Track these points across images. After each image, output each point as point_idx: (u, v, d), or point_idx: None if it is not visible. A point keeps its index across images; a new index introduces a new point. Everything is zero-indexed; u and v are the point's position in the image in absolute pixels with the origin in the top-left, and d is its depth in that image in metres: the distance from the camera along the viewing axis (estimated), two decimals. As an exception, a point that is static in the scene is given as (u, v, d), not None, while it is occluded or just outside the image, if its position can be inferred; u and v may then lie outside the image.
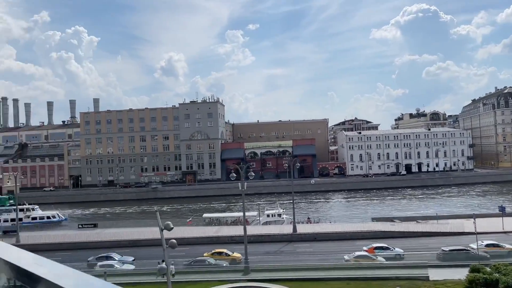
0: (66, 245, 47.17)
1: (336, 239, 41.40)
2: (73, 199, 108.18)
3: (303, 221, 53.89)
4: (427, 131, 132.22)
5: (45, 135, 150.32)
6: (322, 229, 43.69)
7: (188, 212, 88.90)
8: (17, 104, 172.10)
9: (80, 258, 40.35)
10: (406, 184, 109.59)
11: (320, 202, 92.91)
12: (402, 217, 50.90)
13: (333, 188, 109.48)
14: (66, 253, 43.79)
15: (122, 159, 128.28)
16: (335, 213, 72.95)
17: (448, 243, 36.78)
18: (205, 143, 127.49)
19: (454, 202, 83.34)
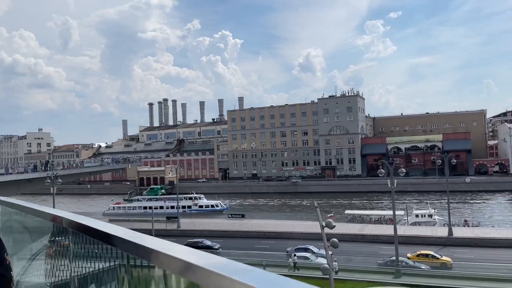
0: (218, 232, 51.09)
1: (502, 247, 35.94)
2: (221, 190, 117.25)
3: (459, 223, 48.41)
4: None
5: (198, 131, 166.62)
6: (484, 234, 38.37)
7: (327, 208, 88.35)
8: (175, 105, 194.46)
9: (235, 246, 43.32)
10: None
11: (477, 204, 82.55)
12: None
13: (493, 188, 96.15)
14: (219, 241, 47.48)
15: (264, 153, 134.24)
16: (498, 217, 63.77)
17: None
18: (344, 138, 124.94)
19: None
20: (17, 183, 48.19)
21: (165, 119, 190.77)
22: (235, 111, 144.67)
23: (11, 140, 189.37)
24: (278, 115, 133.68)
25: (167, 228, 52.19)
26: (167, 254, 1.22)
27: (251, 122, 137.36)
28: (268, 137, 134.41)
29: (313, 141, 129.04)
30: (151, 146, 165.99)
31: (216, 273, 1.00)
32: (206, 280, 1.05)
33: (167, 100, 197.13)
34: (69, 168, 64.97)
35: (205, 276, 1.05)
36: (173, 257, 1.18)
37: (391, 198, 32.33)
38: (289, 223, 49.06)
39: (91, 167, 70.34)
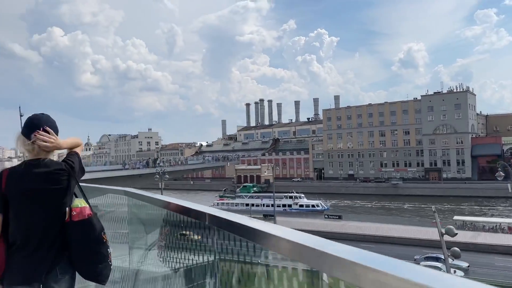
0: (314, 233, 50.40)
1: None
2: (316, 190, 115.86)
3: None
4: None
5: (293, 131, 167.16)
6: None
7: (431, 212, 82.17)
8: (271, 105, 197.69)
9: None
10: None
11: None
12: None
13: None
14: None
15: (361, 153, 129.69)
16: None
17: None
18: (451, 138, 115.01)
19: None
20: (131, 177, 52.98)
21: (261, 119, 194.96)
22: (330, 110, 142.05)
23: (125, 139, 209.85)
24: (377, 114, 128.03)
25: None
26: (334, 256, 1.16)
27: (347, 121, 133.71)
28: (366, 137, 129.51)
29: (415, 141, 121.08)
30: (248, 145, 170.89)
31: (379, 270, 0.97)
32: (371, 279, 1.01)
33: (263, 101, 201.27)
34: (174, 165, 69.50)
35: (370, 275, 1.01)
36: (339, 258, 1.13)
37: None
38: (390, 227, 46.47)
39: (194, 165, 74.68)
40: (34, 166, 2.55)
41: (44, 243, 2.50)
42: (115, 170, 49.78)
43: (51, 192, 2.54)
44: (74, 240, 2.54)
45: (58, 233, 2.55)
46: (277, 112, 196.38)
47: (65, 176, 2.58)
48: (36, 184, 2.50)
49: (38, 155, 2.60)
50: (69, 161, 2.65)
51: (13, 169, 2.62)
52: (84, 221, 2.55)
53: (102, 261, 2.59)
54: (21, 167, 2.57)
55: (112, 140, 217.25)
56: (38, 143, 2.59)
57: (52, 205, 2.55)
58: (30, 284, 2.44)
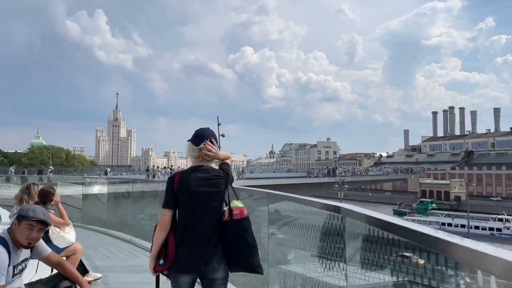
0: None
1: None
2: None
3: None
4: None
5: (492, 142, 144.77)
6: None
7: None
8: (463, 113, 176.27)
9: None
10: None
11: None
12: None
13: None
14: None
15: None
16: None
17: None
18: None
19: None
20: (310, 185, 53.86)
21: (450, 129, 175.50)
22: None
23: (305, 147, 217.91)
24: None
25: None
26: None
27: None
28: None
29: None
30: (434, 157, 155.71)
31: None
32: None
33: (453, 108, 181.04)
34: (353, 175, 68.00)
35: None
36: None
37: None
38: None
39: (373, 176, 71.60)
40: (199, 171, 3.01)
41: (206, 238, 2.90)
42: (296, 178, 51.36)
43: (212, 194, 2.95)
44: (235, 236, 2.90)
45: (216, 229, 2.94)
46: (470, 121, 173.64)
47: (223, 181, 3.00)
48: (200, 187, 2.93)
49: (202, 162, 3.05)
50: (225, 169, 3.05)
51: (183, 173, 3.07)
52: (244, 219, 2.95)
53: (257, 254, 2.97)
54: (188, 172, 3.05)
55: (293, 149, 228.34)
56: (204, 151, 3.03)
57: (213, 205, 2.95)
58: (192, 273, 2.91)
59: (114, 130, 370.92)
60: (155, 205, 8.89)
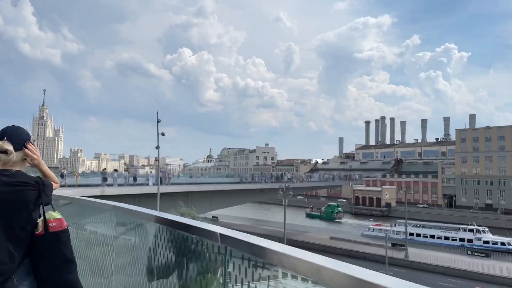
0: (454, 271, 43.21)
1: None
2: (445, 219, 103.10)
3: None
4: None
5: (419, 152, 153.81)
6: None
7: None
8: (393, 123, 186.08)
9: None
10: None
11: None
12: None
13: None
14: (458, 281, 39.88)
15: (503, 181, 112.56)
16: None
17: None
18: None
19: None
20: (252, 192, 52.13)
21: (381, 138, 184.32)
22: (466, 130, 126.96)
23: (243, 153, 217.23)
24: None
25: (392, 256, 47.07)
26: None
27: (486, 143, 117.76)
28: (509, 162, 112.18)
29: None
30: (367, 165, 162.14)
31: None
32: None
33: (384, 118, 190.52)
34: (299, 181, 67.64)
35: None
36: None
37: None
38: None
39: (315, 182, 71.72)
40: (3, 176, 2.53)
41: (4, 253, 2.42)
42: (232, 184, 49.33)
43: (16, 203, 2.47)
44: (51, 250, 2.54)
45: (19, 243, 2.48)
46: (400, 131, 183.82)
47: (33, 190, 2.52)
48: (1, 194, 2.47)
49: (8, 166, 2.56)
50: (41, 178, 2.63)
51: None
52: (63, 232, 2.60)
53: (75, 270, 2.62)
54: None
55: (232, 154, 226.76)
56: (29, 154, 2.63)
57: (14, 215, 2.47)
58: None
59: (40, 129, 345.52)
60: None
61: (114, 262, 3.77)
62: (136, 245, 3.39)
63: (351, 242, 57.28)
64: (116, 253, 3.78)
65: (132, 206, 3.40)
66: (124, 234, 3.70)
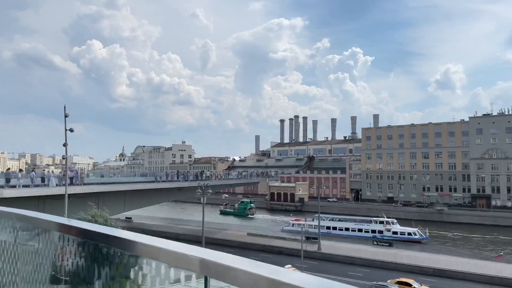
0: (362, 261, 46.27)
1: None
2: (354, 212, 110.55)
3: None
4: None
5: (329, 149, 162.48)
6: None
7: (484, 243, 75.66)
8: (306, 122, 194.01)
9: (380, 278, 38.30)
10: None
11: None
12: None
13: None
14: (365, 270, 42.72)
15: (402, 175, 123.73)
16: None
17: None
18: (502, 163, 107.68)
19: None
20: (168, 191, 50.62)
21: (295, 136, 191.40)
22: (370, 129, 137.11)
23: (159, 150, 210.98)
24: (420, 134, 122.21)
25: (306, 249, 48.95)
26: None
27: (388, 141, 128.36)
28: (408, 158, 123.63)
29: (461, 165, 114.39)
30: (282, 162, 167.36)
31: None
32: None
33: (298, 117, 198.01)
34: (221, 179, 67.32)
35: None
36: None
37: None
38: (451, 259, 41.78)
39: (234, 180, 71.92)
40: None
41: None
42: (147, 183, 47.49)
43: None
44: None
45: None
46: (312, 129, 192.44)
47: None
48: None
49: None
50: None
51: None
52: None
53: None
54: None
55: (146, 152, 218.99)
56: None
57: None
58: None
59: None
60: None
61: (19, 273, 3.16)
62: (40, 252, 2.92)
63: (268, 238, 58.48)
64: (21, 262, 3.19)
65: (31, 212, 2.88)
66: (27, 241, 3.16)
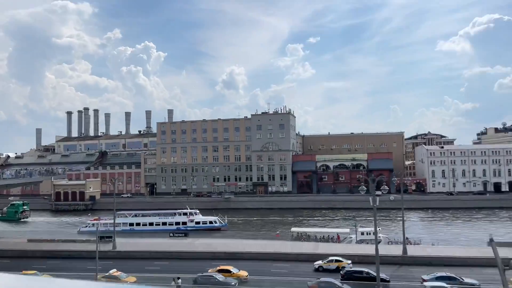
0: (158, 254, 46.60)
1: (456, 265, 36.83)
2: (150, 206, 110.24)
3: (398, 241, 49.41)
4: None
5: (123, 144, 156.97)
6: (438, 253, 39.29)
7: (262, 224, 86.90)
8: (97, 115, 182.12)
9: (181, 269, 39.41)
10: (499, 205, 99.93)
11: (398, 220, 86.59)
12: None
13: (414, 205, 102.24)
14: (163, 263, 43.17)
15: (195, 168, 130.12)
16: (427, 234, 67.15)
17: None
18: (276, 155, 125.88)
19: None
20: None
21: (85, 130, 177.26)
22: (165, 123, 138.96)
23: None
24: (211, 130, 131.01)
25: (100, 249, 46.11)
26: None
27: (182, 135, 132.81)
28: (200, 152, 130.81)
29: (245, 156, 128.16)
30: (70, 157, 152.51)
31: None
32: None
33: (87, 109, 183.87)
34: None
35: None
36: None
37: (374, 216, 31.29)
38: (243, 242, 46.42)
39: (7, 180, 61.41)
40: None
41: None
42: None
43: None
44: None
45: None
46: (104, 122, 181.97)
47: None
48: None
49: None
50: None
51: None
52: None
53: None
54: None
55: None
56: None
57: None
58: None
59: None
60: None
61: None
62: None
63: (55, 242, 52.52)
64: None
65: None
66: None
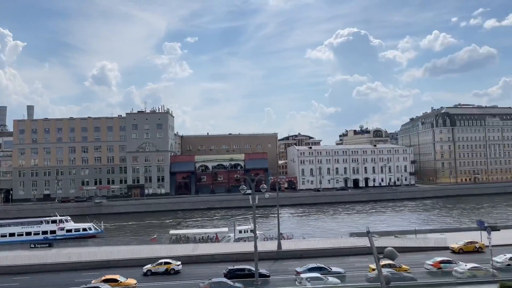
0: (18, 268, 40.83)
1: (322, 256, 39.94)
2: (4, 215, 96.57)
3: (273, 237, 51.88)
4: (373, 147, 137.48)
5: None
6: (308, 246, 42.04)
7: (138, 229, 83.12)
8: None
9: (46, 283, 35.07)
10: (357, 199, 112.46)
11: (272, 217, 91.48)
12: (379, 231, 50.89)
13: (286, 202, 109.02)
14: (24, 278, 37.89)
15: (60, 171, 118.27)
16: (298, 229, 71.97)
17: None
18: (153, 155, 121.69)
19: (409, 216, 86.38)
20: None
21: None
22: (24, 121, 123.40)
23: None
24: (80, 128, 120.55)
25: None
26: None
27: (45, 134, 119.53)
28: (66, 153, 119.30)
29: (119, 158, 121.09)
30: None
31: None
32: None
33: None
34: None
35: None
36: None
37: (253, 215, 31.68)
38: (120, 249, 43.32)
39: None
40: None
41: None
42: None
43: None
44: None
45: None
46: None
47: None
48: None
49: None
50: None
51: None
52: None
53: None
54: None
55: None
56: None
57: None
58: None
59: None
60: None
61: None
62: None
63: None
64: None
65: None
66: None
